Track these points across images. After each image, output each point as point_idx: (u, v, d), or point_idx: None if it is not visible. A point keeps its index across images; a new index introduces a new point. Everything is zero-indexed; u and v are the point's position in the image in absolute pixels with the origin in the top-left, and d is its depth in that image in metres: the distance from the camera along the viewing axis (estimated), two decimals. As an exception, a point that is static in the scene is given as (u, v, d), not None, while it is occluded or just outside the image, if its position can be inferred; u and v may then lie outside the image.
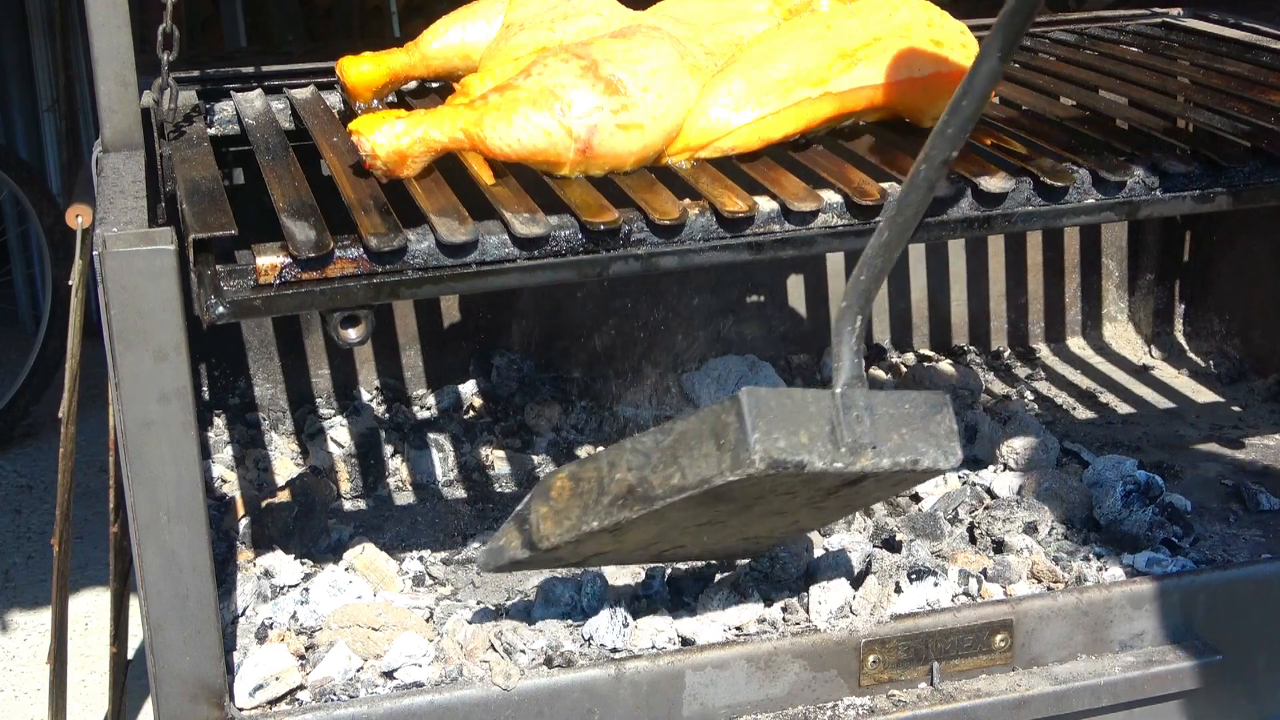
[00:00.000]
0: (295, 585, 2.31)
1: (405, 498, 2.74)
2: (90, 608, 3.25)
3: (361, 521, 2.62)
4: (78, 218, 2.39)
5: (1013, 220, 2.01)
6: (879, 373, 3.14)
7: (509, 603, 2.29)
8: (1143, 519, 2.47)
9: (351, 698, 2.04)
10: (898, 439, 1.90)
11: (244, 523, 2.52)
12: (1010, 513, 2.49)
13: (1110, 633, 2.26)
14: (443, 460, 2.83)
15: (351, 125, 1.93)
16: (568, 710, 2.06)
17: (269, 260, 1.73)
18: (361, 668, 2.11)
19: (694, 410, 1.84)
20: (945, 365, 3.15)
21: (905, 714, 2.13)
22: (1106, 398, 3.19)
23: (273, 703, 2.02)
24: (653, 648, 2.15)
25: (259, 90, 2.44)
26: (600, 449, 1.86)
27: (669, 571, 2.38)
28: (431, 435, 2.90)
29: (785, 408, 1.81)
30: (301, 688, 2.05)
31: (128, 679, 2.58)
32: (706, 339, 3.19)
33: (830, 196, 1.94)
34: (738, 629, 2.19)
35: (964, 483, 2.69)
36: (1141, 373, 3.32)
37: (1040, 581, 2.32)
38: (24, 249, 4.81)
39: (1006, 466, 2.75)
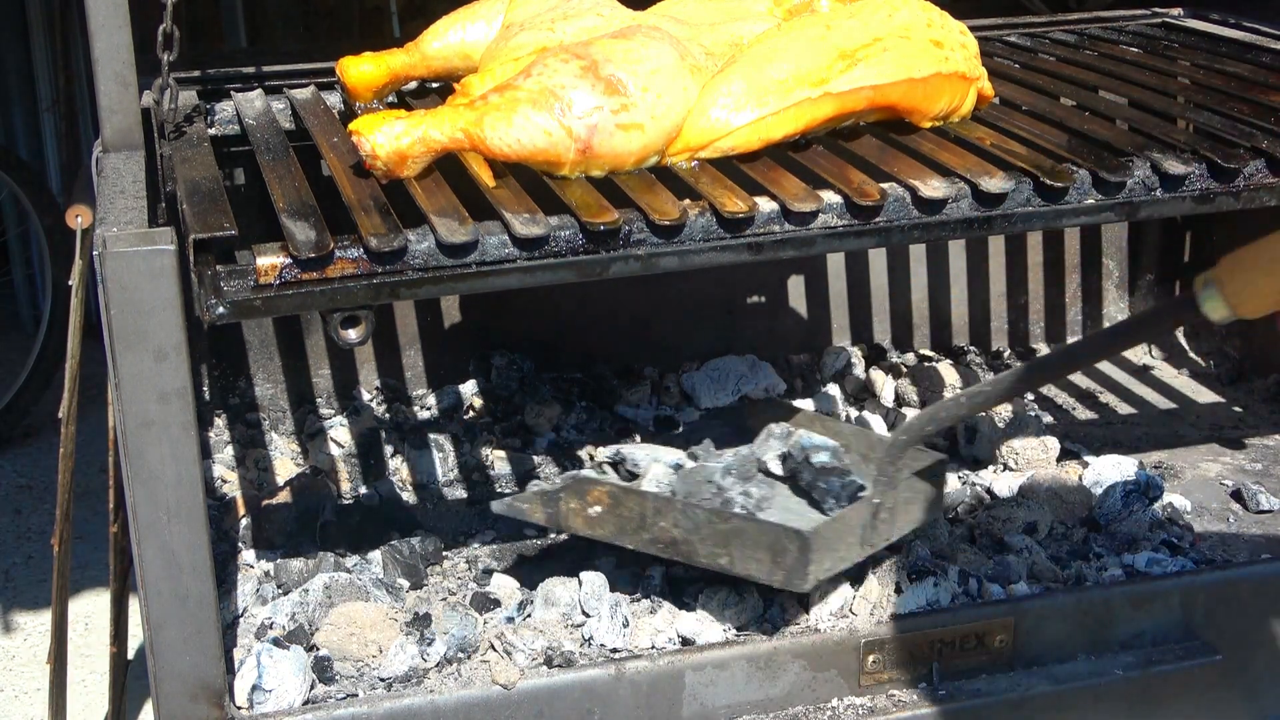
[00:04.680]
0: (295, 585, 2.31)
1: (405, 498, 2.74)
2: (90, 608, 3.24)
3: (363, 521, 2.62)
4: (78, 218, 2.39)
5: (1013, 220, 2.01)
6: (879, 373, 3.14)
7: (509, 602, 2.29)
8: (1143, 519, 2.47)
9: (351, 697, 2.05)
10: (906, 518, 2.22)
11: (244, 523, 2.52)
12: (1010, 513, 2.49)
13: (1110, 633, 2.26)
14: (443, 460, 2.83)
15: (352, 125, 1.93)
16: (568, 710, 2.06)
17: (269, 260, 1.73)
18: (361, 668, 2.11)
19: (749, 511, 2.17)
20: (945, 365, 3.15)
21: (905, 714, 2.13)
22: (1106, 398, 3.19)
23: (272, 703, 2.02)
24: (653, 648, 2.15)
25: (259, 90, 2.44)
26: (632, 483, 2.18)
27: (669, 571, 2.39)
28: (431, 435, 2.90)
29: (834, 533, 2.10)
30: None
31: (128, 679, 2.58)
32: (706, 338, 3.19)
33: (830, 197, 1.94)
34: (738, 629, 2.19)
35: (964, 483, 2.69)
36: (1141, 373, 3.32)
37: (1040, 581, 2.32)
38: (24, 249, 4.81)
39: (1006, 466, 2.75)
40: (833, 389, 3.12)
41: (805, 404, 3.04)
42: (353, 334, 1.80)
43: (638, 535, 2.17)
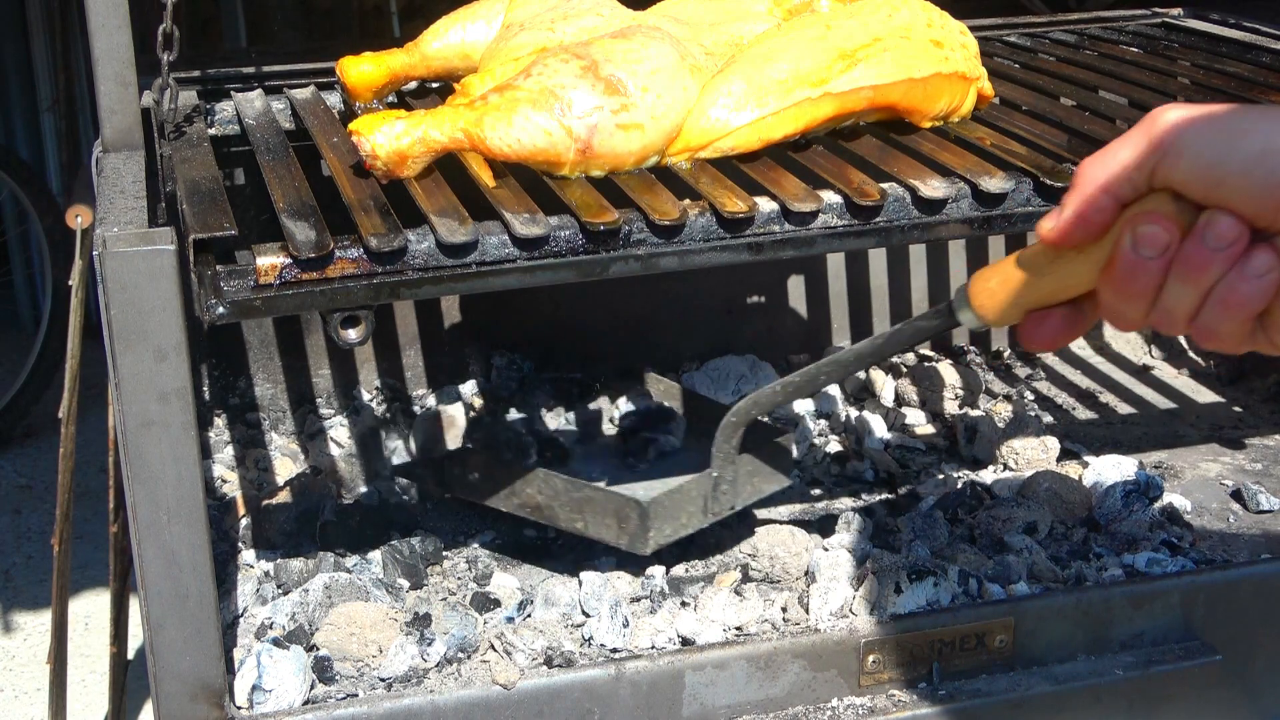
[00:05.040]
0: (295, 585, 2.31)
1: (405, 498, 2.74)
2: (90, 608, 3.25)
3: (363, 521, 2.62)
4: (77, 218, 2.40)
5: (1013, 220, 2.01)
6: (879, 373, 3.14)
7: (509, 602, 2.29)
8: (1143, 519, 2.47)
9: (351, 697, 2.05)
10: (750, 489, 2.42)
11: (244, 523, 2.52)
12: (1010, 513, 2.49)
13: (1110, 633, 2.26)
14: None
15: (351, 125, 1.92)
16: (568, 710, 2.06)
17: (269, 260, 1.73)
18: (361, 668, 2.11)
19: (601, 480, 2.47)
20: (945, 365, 3.15)
21: (905, 714, 2.13)
22: (1106, 398, 3.19)
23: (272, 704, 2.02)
24: (653, 648, 2.15)
25: (259, 90, 2.44)
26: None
27: (669, 571, 2.39)
28: (431, 435, 2.90)
29: (673, 502, 2.32)
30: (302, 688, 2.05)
31: (128, 679, 2.58)
32: (706, 338, 3.19)
33: (830, 197, 1.94)
34: (738, 629, 2.19)
35: (964, 483, 2.69)
36: (1141, 373, 3.32)
37: (1040, 581, 2.32)
38: (24, 249, 4.81)
39: (1006, 466, 2.75)
40: (833, 389, 3.12)
41: (808, 404, 3.05)
42: (353, 334, 1.80)
43: (509, 500, 2.41)
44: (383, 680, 2.08)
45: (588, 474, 2.55)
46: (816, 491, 2.73)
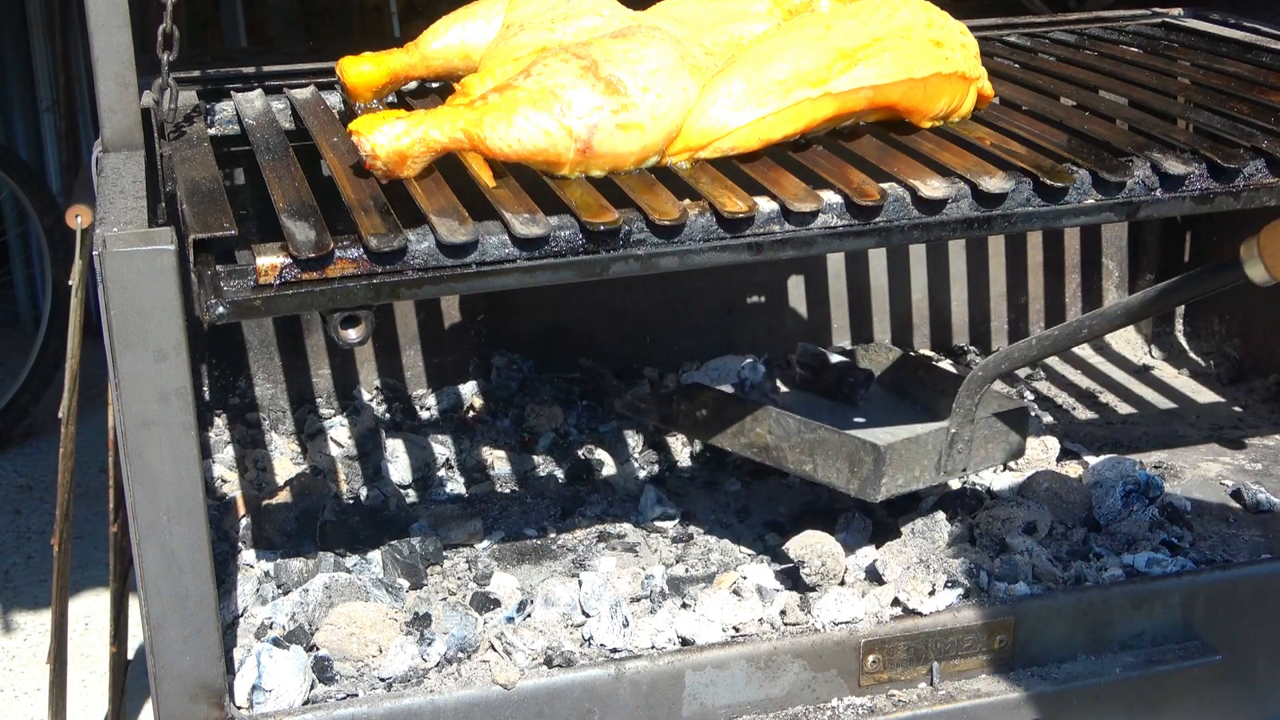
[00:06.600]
0: (295, 585, 2.31)
1: (405, 498, 2.74)
2: (90, 608, 3.25)
3: (363, 521, 2.62)
4: (77, 218, 2.40)
5: (1013, 220, 2.01)
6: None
7: (509, 602, 2.29)
8: (1143, 519, 2.47)
9: (351, 697, 2.05)
10: (983, 454, 2.40)
11: (244, 523, 2.52)
12: (1010, 513, 2.48)
13: (1110, 633, 2.26)
14: (443, 460, 2.82)
15: (352, 125, 1.93)
16: (568, 710, 2.06)
17: (269, 260, 1.73)
18: (361, 668, 2.11)
19: (832, 422, 2.39)
20: (945, 365, 3.15)
21: (905, 714, 2.14)
22: (1106, 398, 3.19)
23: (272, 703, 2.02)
24: (653, 648, 2.15)
25: (259, 90, 2.44)
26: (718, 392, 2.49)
27: (669, 571, 2.39)
28: (431, 435, 2.90)
29: (909, 451, 2.30)
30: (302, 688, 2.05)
31: (128, 679, 2.58)
32: (706, 338, 3.19)
33: (830, 197, 1.94)
34: (737, 629, 2.19)
35: (964, 483, 2.69)
36: (1141, 373, 3.32)
37: (1040, 581, 2.32)
38: (24, 249, 4.81)
39: (1007, 466, 2.75)
40: (833, 389, 3.12)
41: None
42: (353, 334, 1.80)
43: (735, 439, 2.41)
44: (383, 680, 2.08)
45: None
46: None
